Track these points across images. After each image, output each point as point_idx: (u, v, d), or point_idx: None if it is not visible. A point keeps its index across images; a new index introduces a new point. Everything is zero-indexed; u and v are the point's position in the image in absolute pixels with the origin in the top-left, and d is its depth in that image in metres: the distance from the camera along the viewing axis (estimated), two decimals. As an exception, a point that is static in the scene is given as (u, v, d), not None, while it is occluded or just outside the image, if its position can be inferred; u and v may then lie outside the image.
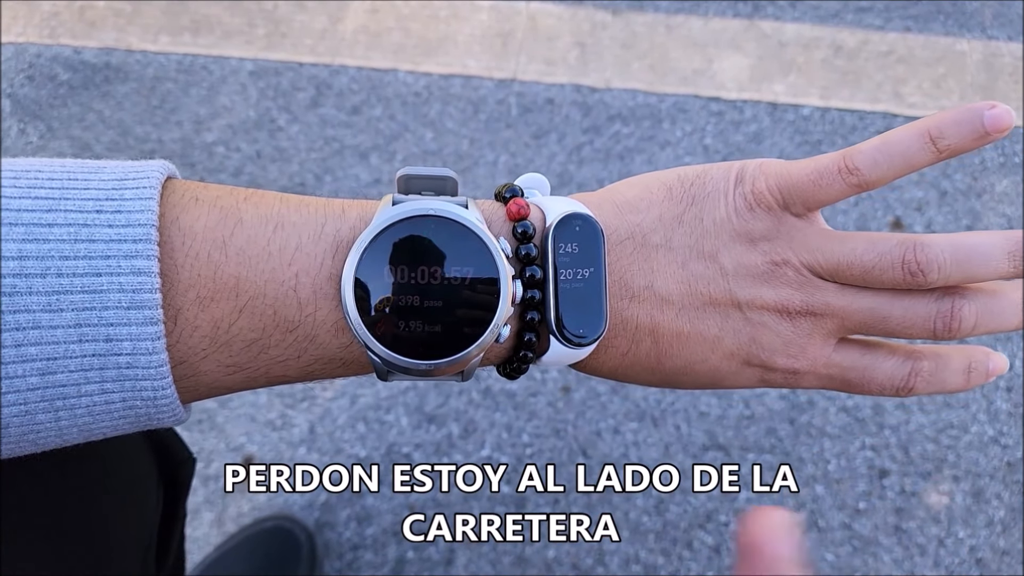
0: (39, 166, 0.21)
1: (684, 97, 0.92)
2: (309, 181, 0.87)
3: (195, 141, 0.90)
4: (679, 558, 0.71)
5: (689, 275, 0.25)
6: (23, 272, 0.19)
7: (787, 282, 0.26)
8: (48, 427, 0.21)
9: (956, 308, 0.25)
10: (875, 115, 0.91)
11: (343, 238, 0.23)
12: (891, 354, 0.27)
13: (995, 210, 0.86)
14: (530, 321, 0.24)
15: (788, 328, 0.26)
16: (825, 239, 0.26)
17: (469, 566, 0.70)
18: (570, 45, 0.95)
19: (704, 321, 0.26)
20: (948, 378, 0.27)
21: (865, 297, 0.26)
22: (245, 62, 0.94)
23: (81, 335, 0.20)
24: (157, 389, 0.21)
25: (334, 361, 0.24)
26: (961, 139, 0.24)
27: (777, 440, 0.75)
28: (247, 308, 0.22)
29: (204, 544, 0.70)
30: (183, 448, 0.43)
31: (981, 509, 0.73)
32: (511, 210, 0.24)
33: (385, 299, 0.22)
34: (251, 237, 0.22)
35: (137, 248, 0.20)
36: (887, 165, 0.25)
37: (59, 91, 0.92)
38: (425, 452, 0.74)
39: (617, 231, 0.25)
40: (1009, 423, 0.76)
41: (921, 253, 0.25)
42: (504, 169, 0.88)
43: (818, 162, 0.25)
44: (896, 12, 0.98)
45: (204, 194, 0.23)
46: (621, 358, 0.26)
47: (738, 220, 0.26)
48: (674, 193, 0.26)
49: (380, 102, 0.92)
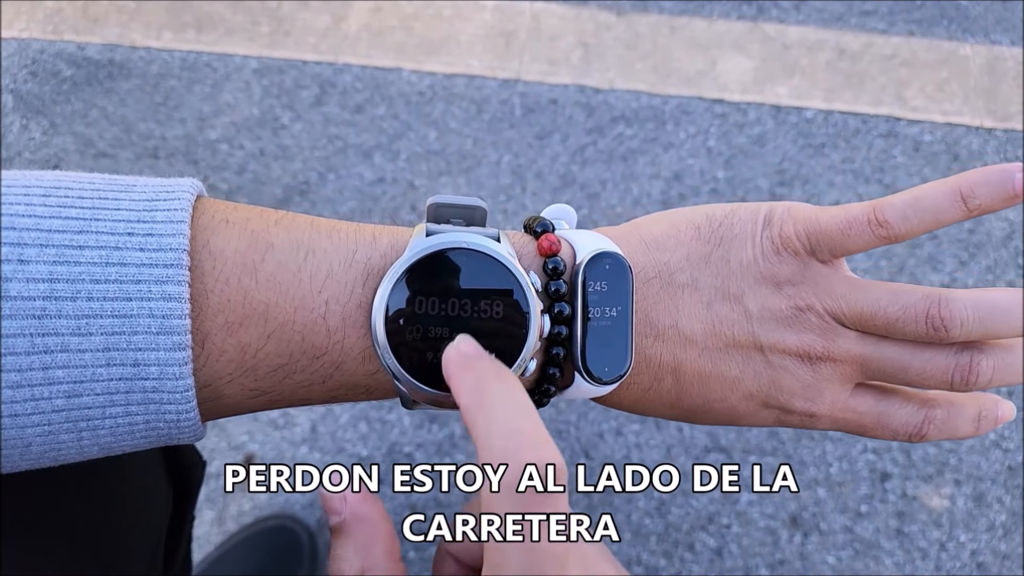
0: (68, 183, 0.21)
1: (688, 99, 0.92)
2: (312, 179, 0.87)
3: (198, 138, 0.89)
4: (681, 560, 0.71)
5: (714, 316, 0.26)
6: (53, 295, 0.19)
7: (810, 328, 0.26)
8: (70, 446, 0.21)
9: (975, 363, 0.26)
10: (878, 118, 0.91)
11: (374, 266, 0.23)
12: (906, 401, 0.27)
13: (997, 215, 0.86)
14: (555, 356, 0.24)
15: (808, 373, 0.26)
16: (850, 287, 0.26)
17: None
18: (573, 45, 0.95)
19: (726, 362, 0.26)
20: (960, 426, 0.27)
21: (886, 347, 0.26)
22: (249, 60, 0.94)
23: (109, 359, 0.20)
24: (181, 412, 0.21)
25: (358, 387, 0.24)
26: (992, 200, 0.25)
27: (779, 443, 0.75)
28: (275, 334, 0.22)
29: (205, 543, 0.70)
30: (194, 452, 0.43)
31: (982, 513, 0.73)
32: (542, 246, 0.25)
33: (415, 330, 0.22)
34: (282, 263, 0.22)
35: (168, 273, 0.20)
36: (917, 220, 0.25)
37: (62, 87, 0.92)
38: (427, 452, 0.74)
39: (645, 269, 0.26)
40: (1010, 427, 0.76)
41: (945, 309, 0.25)
42: (507, 169, 0.88)
43: (848, 211, 0.26)
44: (900, 16, 0.98)
45: (234, 216, 0.23)
46: (642, 394, 0.26)
47: (764, 263, 0.26)
48: (702, 232, 0.26)
49: (383, 101, 0.91)
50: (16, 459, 0.21)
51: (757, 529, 0.72)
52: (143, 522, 0.36)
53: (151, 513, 0.37)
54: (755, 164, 0.88)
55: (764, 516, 0.73)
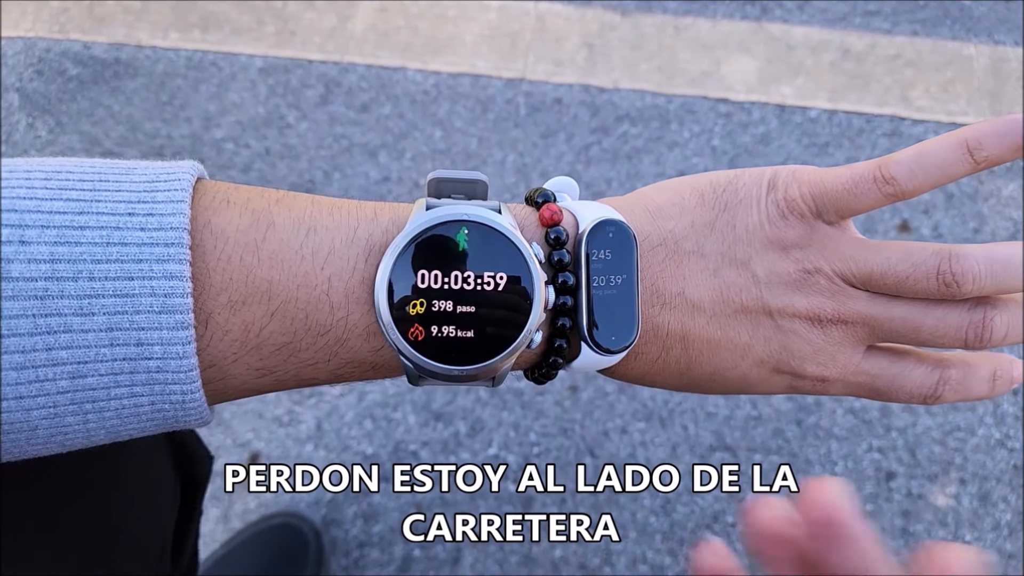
0: (69, 167, 0.21)
1: (692, 98, 0.92)
2: (318, 178, 0.87)
3: (204, 137, 0.90)
4: (686, 558, 0.71)
5: (721, 282, 0.25)
6: (55, 275, 0.19)
7: (819, 290, 0.26)
8: (76, 429, 0.21)
9: (988, 318, 0.25)
10: (882, 118, 0.91)
11: (376, 242, 0.23)
12: (920, 362, 0.27)
13: (1001, 214, 0.86)
14: (561, 327, 0.24)
15: (819, 336, 0.26)
16: (858, 248, 0.26)
17: (476, 565, 0.70)
18: (578, 45, 0.96)
19: (735, 328, 0.26)
20: (975, 386, 0.27)
21: (898, 306, 0.26)
22: (255, 59, 0.94)
23: (112, 339, 0.20)
24: (186, 393, 0.21)
25: (364, 364, 0.24)
26: (1000, 150, 0.24)
27: (784, 441, 0.75)
28: (279, 312, 0.22)
29: (210, 540, 0.70)
30: (201, 447, 0.43)
31: (988, 512, 0.73)
32: (544, 216, 0.24)
33: (418, 304, 0.22)
34: (284, 241, 0.22)
35: (169, 252, 0.20)
36: (923, 175, 0.25)
37: (68, 86, 0.92)
38: (432, 450, 0.74)
39: (649, 237, 0.25)
40: (1016, 427, 0.76)
41: (956, 264, 0.24)
42: (512, 168, 0.88)
43: (853, 170, 0.25)
44: (904, 16, 0.98)
45: (235, 196, 0.23)
46: (651, 364, 0.26)
47: (770, 227, 0.26)
48: (706, 199, 0.26)
49: (389, 100, 0.92)
50: (23, 443, 0.21)
51: (762, 528, 0.72)
52: (151, 517, 0.36)
53: (159, 509, 0.37)
54: (759, 163, 0.89)
55: (769, 515, 0.73)
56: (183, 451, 0.40)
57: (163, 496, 0.37)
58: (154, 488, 0.36)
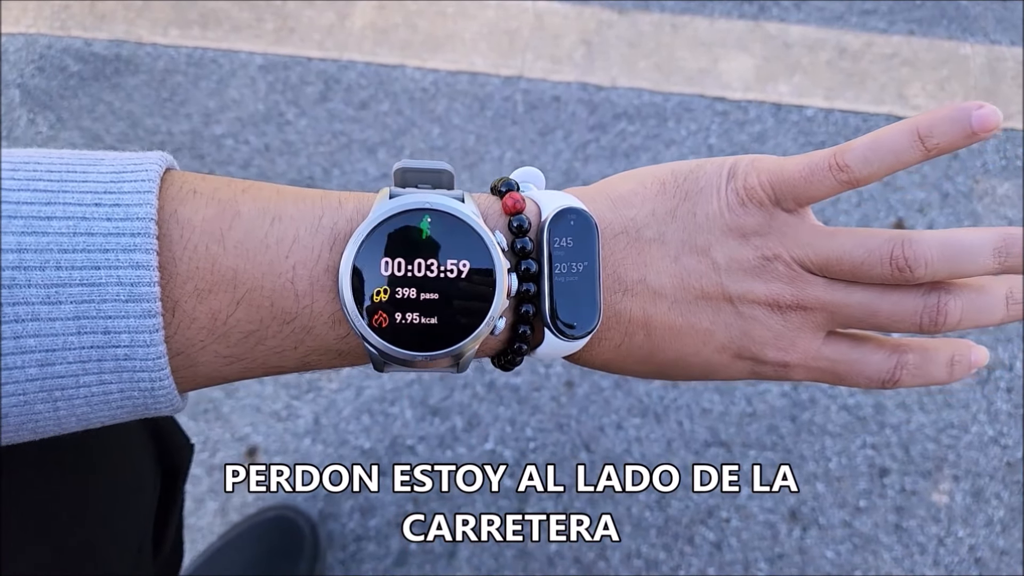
0: (37, 157, 0.21)
1: (689, 96, 0.93)
2: (317, 175, 0.88)
3: (204, 133, 0.90)
4: (680, 554, 0.72)
5: (681, 269, 0.26)
6: (22, 265, 0.19)
7: (778, 277, 0.26)
8: (46, 416, 0.21)
9: (942, 303, 0.26)
10: (879, 117, 0.92)
11: (340, 231, 0.23)
12: (879, 347, 0.27)
13: (996, 212, 0.87)
14: (525, 314, 0.25)
15: (779, 322, 0.26)
16: (815, 235, 0.26)
17: (472, 560, 0.71)
18: (576, 43, 0.96)
19: (696, 315, 0.26)
20: (933, 371, 0.27)
21: (855, 292, 0.26)
22: (254, 56, 0.94)
23: (80, 327, 0.20)
24: (155, 380, 0.21)
25: (331, 352, 0.24)
26: (950, 138, 0.25)
27: (779, 437, 0.76)
28: (244, 300, 0.22)
29: (208, 533, 0.70)
30: (181, 435, 0.43)
31: (981, 508, 0.73)
32: (507, 204, 0.25)
33: (382, 291, 0.22)
34: (249, 230, 0.22)
35: (135, 242, 0.20)
36: (877, 163, 0.25)
37: (69, 82, 0.93)
38: (429, 445, 0.75)
39: (611, 225, 0.26)
40: (1009, 423, 0.77)
41: (909, 249, 0.25)
42: (510, 165, 0.88)
43: (810, 159, 0.26)
44: (900, 15, 0.99)
45: (202, 186, 0.23)
46: (615, 350, 0.26)
47: (730, 215, 0.26)
48: (668, 188, 0.27)
49: (388, 97, 0.92)
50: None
51: (756, 523, 0.73)
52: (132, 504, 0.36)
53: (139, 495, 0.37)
54: (756, 162, 0.89)
55: (763, 510, 0.73)
56: (163, 439, 0.40)
57: (142, 484, 0.37)
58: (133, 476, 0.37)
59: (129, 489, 0.36)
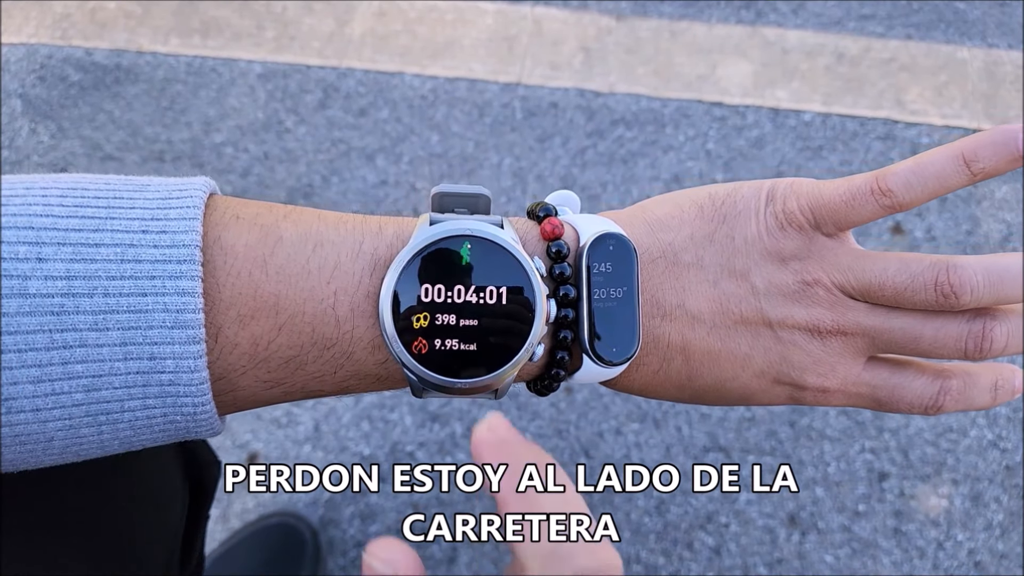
0: (84, 183, 0.22)
1: (687, 102, 0.93)
2: (316, 182, 0.88)
3: (204, 142, 0.91)
4: (679, 558, 0.72)
5: (720, 294, 0.26)
6: (71, 292, 0.20)
7: (818, 302, 0.26)
8: (91, 440, 0.22)
9: (988, 329, 0.26)
10: (876, 122, 0.92)
11: (380, 256, 0.23)
12: (920, 373, 0.27)
13: (995, 216, 0.87)
14: (563, 340, 0.25)
15: (819, 347, 0.26)
16: (856, 259, 0.26)
17: (472, 564, 0.71)
18: (575, 50, 0.96)
19: (735, 340, 0.26)
20: (976, 396, 0.27)
21: (896, 318, 0.26)
22: (254, 64, 0.95)
23: (126, 353, 0.20)
24: (198, 405, 0.21)
25: (369, 377, 0.24)
26: (996, 162, 0.25)
27: (777, 442, 0.76)
28: (286, 326, 0.22)
29: (209, 540, 0.71)
30: (209, 452, 0.43)
31: (980, 513, 0.73)
32: (545, 229, 0.25)
33: (422, 317, 0.23)
34: (291, 255, 0.22)
35: (182, 269, 0.21)
36: (920, 187, 0.25)
37: (70, 91, 0.94)
38: (428, 451, 0.75)
39: (649, 250, 0.26)
40: (1008, 428, 0.77)
41: (955, 275, 0.24)
42: (508, 172, 0.89)
43: (851, 183, 0.25)
44: (898, 20, 0.99)
45: (244, 211, 0.23)
46: (652, 376, 0.26)
47: (769, 239, 0.26)
48: (705, 211, 0.26)
49: (387, 104, 0.93)
50: (40, 454, 0.21)
51: (755, 528, 0.73)
52: (161, 521, 0.36)
53: (168, 512, 0.37)
54: (754, 167, 0.89)
55: (763, 515, 0.73)
56: (192, 455, 0.41)
57: (173, 501, 0.38)
58: (164, 492, 0.37)
59: (159, 503, 0.36)
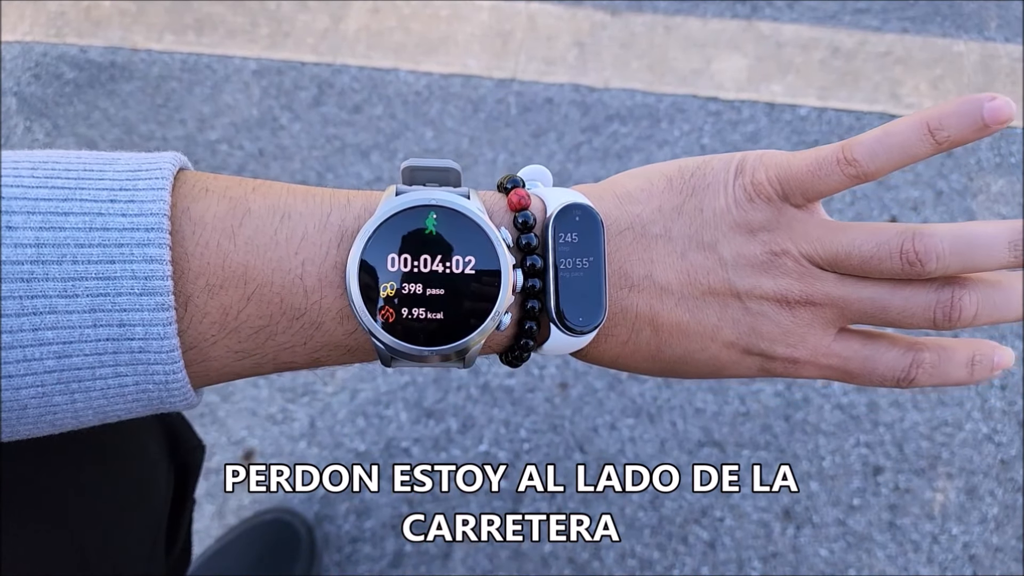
0: (56, 157, 0.22)
1: (682, 97, 0.93)
2: (311, 179, 0.88)
3: (199, 139, 0.91)
4: (674, 553, 0.72)
5: (688, 265, 0.26)
6: (40, 259, 0.20)
7: (786, 272, 0.26)
8: (64, 409, 0.22)
9: (956, 298, 0.25)
10: (872, 115, 0.92)
11: (348, 228, 0.23)
12: (892, 345, 0.27)
13: (991, 210, 0.87)
14: (531, 310, 0.25)
15: (787, 318, 0.26)
16: (825, 229, 0.26)
17: (467, 560, 0.71)
18: (569, 45, 0.96)
19: (703, 311, 0.26)
20: (951, 371, 0.27)
21: (865, 287, 0.26)
22: (248, 61, 0.95)
23: (96, 320, 0.21)
24: (169, 373, 0.22)
25: (340, 348, 0.24)
26: (961, 131, 0.24)
27: (772, 437, 0.76)
28: (255, 296, 0.23)
29: (205, 536, 0.71)
30: (193, 436, 0.44)
31: (975, 506, 0.73)
32: (512, 200, 0.25)
33: (389, 287, 0.23)
34: (259, 227, 0.23)
35: (149, 236, 0.21)
36: (886, 157, 0.25)
37: (65, 89, 0.94)
38: (424, 447, 0.75)
39: (617, 221, 0.26)
40: (1003, 421, 0.77)
41: (920, 242, 0.24)
42: (503, 167, 0.89)
43: (818, 153, 0.25)
44: (894, 13, 0.99)
45: (214, 184, 0.23)
46: (621, 347, 0.26)
47: (738, 211, 0.26)
48: (674, 184, 0.26)
49: (381, 101, 0.92)
50: (14, 423, 0.22)
51: (750, 522, 0.73)
52: (145, 503, 0.37)
53: (153, 495, 0.38)
54: (749, 161, 0.89)
55: (757, 509, 0.73)
56: (176, 439, 0.41)
57: (157, 483, 0.38)
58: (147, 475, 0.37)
59: (143, 485, 0.37)
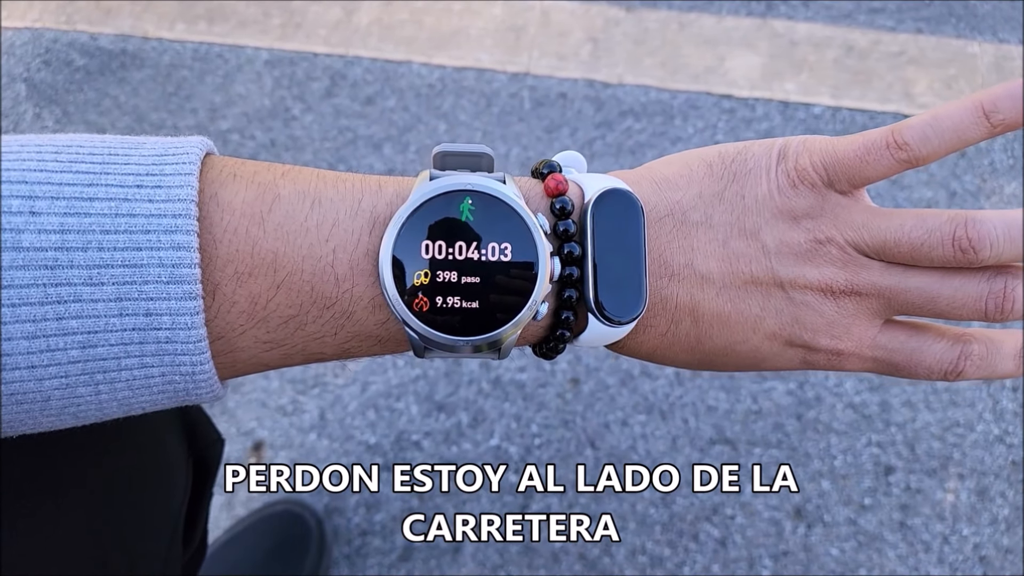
0: (80, 141, 0.21)
1: (696, 94, 0.92)
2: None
3: (210, 128, 0.90)
4: (685, 550, 0.72)
5: (730, 253, 0.25)
6: (64, 245, 0.19)
7: (831, 261, 0.25)
8: (88, 400, 0.21)
9: (1010, 288, 0.24)
10: (886, 115, 0.92)
11: (380, 214, 0.23)
12: (940, 337, 0.26)
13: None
14: (568, 299, 0.24)
15: (832, 308, 0.25)
16: (871, 216, 0.25)
17: (476, 555, 0.71)
18: (583, 40, 0.96)
19: (745, 300, 0.25)
20: (999, 363, 0.26)
21: (913, 276, 0.25)
22: (260, 51, 0.94)
23: (121, 309, 0.20)
24: (195, 364, 0.21)
25: (371, 338, 0.24)
26: (1016, 114, 0.23)
27: (784, 435, 0.76)
28: (284, 284, 0.22)
29: (214, 527, 0.71)
30: (212, 429, 0.43)
31: (986, 507, 0.73)
32: (549, 186, 0.24)
33: (422, 275, 0.22)
34: (289, 213, 0.22)
35: (177, 223, 0.20)
36: (938, 140, 0.24)
37: (75, 76, 0.93)
38: (434, 440, 0.75)
39: (656, 208, 0.25)
40: (1015, 422, 0.76)
41: (973, 229, 0.23)
42: (516, 162, 0.88)
43: (865, 137, 0.24)
44: (908, 13, 0.98)
45: (242, 170, 0.23)
46: (660, 338, 0.25)
47: (780, 197, 0.25)
48: (715, 170, 0.25)
49: (394, 93, 0.92)
50: (37, 414, 0.21)
51: (761, 520, 0.73)
52: (163, 499, 0.36)
53: (171, 490, 0.37)
54: (762, 159, 0.89)
55: (768, 507, 0.73)
56: (195, 433, 0.40)
57: (176, 477, 0.37)
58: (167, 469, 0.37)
59: (162, 478, 0.36)
